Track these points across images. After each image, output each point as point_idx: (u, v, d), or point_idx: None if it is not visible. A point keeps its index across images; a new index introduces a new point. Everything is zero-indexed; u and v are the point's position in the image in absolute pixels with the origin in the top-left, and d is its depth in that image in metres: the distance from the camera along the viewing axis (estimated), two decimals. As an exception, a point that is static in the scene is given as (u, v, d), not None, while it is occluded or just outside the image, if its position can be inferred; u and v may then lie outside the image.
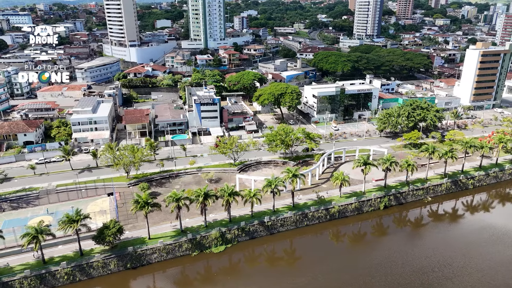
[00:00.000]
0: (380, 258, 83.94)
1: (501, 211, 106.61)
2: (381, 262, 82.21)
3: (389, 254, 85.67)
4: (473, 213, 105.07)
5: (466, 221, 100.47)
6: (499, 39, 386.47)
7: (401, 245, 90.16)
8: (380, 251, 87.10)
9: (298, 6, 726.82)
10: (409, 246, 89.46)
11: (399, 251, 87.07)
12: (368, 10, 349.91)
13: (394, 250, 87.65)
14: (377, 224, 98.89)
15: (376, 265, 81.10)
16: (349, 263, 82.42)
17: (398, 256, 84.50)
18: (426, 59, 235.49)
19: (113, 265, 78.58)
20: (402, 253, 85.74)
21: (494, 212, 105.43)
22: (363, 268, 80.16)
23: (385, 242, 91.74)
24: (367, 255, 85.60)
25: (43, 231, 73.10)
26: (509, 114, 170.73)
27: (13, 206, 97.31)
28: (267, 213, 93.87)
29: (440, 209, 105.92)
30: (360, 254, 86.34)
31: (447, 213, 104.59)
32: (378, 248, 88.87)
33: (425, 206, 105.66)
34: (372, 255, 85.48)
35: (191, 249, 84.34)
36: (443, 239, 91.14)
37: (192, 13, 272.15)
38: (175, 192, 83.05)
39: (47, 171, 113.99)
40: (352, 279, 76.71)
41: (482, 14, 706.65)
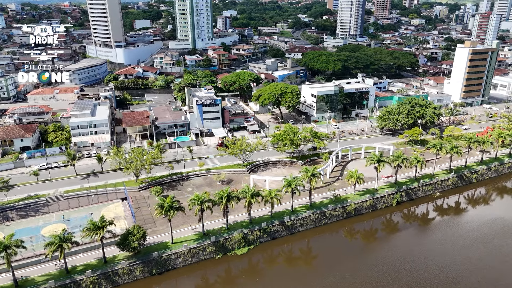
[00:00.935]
0: (401, 253, 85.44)
1: (508, 204, 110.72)
2: (403, 257, 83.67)
3: (410, 249, 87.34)
4: (481, 206, 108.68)
5: (476, 214, 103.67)
6: (475, 38, 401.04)
7: (419, 239, 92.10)
8: (401, 247, 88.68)
9: (276, 6, 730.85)
10: (427, 240, 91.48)
11: (418, 246, 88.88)
12: (351, 10, 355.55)
13: (413, 245, 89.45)
14: (393, 220, 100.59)
15: (399, 261, 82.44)
16: (373, 260, 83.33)
17: (418, 251, 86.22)
18: (412, 58, 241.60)
19: (139, 271, 76.61)
20: (422, 248, 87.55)
21: (501, 204, 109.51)
22: (387, 265, 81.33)
23: (403, 238, 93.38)
24: (389, 251, 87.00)
25: (67, 239, 70.41)
26: (497, 110, 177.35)
27: (21, 214, 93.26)
28: (285, 213, 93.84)
29: (450, 203, 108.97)
30: (382, 251, 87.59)
31: (457, 207, 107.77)
32: (398, 244, 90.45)
33: (435, 201, 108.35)
34: (393, 251, 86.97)
35: (215, 252, 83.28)
36: (457, 232, 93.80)
37: (179, 13, 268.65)
38: (198, 195, 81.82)
39: (50, 177, 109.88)
40: (380, 276, 77.65)
41: (454, 14, 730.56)
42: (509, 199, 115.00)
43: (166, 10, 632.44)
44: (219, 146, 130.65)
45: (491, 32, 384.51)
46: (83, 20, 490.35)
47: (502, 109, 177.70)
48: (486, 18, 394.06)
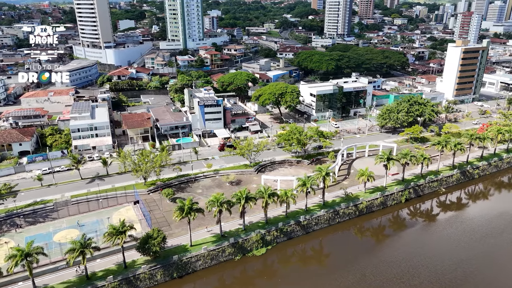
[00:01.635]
0: (416, 249, 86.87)
1: (511, 198, 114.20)
2: (419, 253, 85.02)
3: (424, 245, 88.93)
4: (486, 201, 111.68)
5: (483, 208, 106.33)
6: (457, 37, 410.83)
7: (431, 235, 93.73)
8: (415, 243, 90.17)
9: (260, 6, 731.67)
10: (439, 236, 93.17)
11: (431, 241, 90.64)
12: (339, 10, 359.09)
13: (427, 240, 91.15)
14: (403, 217, 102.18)
15: (415, 257, 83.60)
16: (390, 257, 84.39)
17: (432, 247, 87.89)
18: (403, 57, 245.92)
19: (160, 275, 75.45)
20: (435, 243, 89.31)
21: (505, 198, 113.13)
22: (405, 261, 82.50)
23: (416, 234, 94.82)
24: (404, 247, 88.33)
25: (88, 245, 68.69)
26: (488, 107, 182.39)
27: (29, 221, 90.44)
28: (299, 212, 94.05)
29: (456, 199, 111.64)
30: (397, 247, 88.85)
31: (464, 203, 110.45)
32: (411, 240, 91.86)
33: (442, 197, 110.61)
34: (408, 247, 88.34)
35: (234, 254, 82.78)
36: (467, 227, 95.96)
37: (169, 13, 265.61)
38: (216, 196, 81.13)
39: (55, 181, 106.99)
40: (399, 273, 78.66)
41: (433, 14, 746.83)
42: (510, 193, 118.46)
43: (149, 10, 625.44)
44: (221, 148, 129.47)
45: (473, 32, 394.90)
46: (64, 20, 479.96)
47: (493, 106, 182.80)
48: (468, 17, 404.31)
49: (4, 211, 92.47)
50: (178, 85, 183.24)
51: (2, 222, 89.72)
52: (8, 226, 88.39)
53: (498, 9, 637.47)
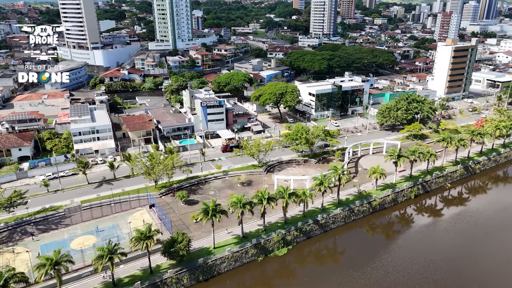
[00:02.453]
0: (433, 244, 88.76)
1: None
2: (436, 248, 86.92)
3: (439, 240, 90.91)
4: (491, 195, 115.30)
5: (489, 202, 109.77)
6: (438, 36, 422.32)
7: (444, 230, 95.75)
8: (430, 238, 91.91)
9: (241, 6, 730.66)
10: (452, 230, 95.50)
11: (445, 236, 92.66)
12: (324, 10, 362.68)
13: (441, 235, 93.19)
14: (415, 213, 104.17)
15: (433, 252, 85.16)
16: (408, 253, 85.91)
17: (448, 242, 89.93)
18: (391, 56, 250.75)
19: (186, 279, 74.40)
20: (450, 238, 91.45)
21: (508, 192, 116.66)
22: (423, 256, 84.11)
23: (429, 229, 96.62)
24: (420, 243, 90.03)
25: (116, 251, 67.07)
26: (478, 103, 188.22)
27: (40, 228, 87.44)
28: (316, 211, 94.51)
29: (462, 193, 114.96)
30: (414, 243, 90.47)
31: (470, 197, 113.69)
32: (427, 236, 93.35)
33: (448, 192, 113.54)
34: (425, 242, 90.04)
35: (256, 255, 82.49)
36: (478, 221, 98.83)
37: (158, 13, 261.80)
38: (238, 197, 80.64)
39: (61, 187, 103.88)
40: (421, 269, 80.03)
41: (410, 14, 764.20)
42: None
43: (129, 10, 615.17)
44: (224, 149, 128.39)
45: (453, 31, 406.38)
46: (42, 21, 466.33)
47: (483, 103, 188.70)
48: (448, 17, 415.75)
49: (13, 219, 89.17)
50: (174, 86, 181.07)
51: (13, 231, 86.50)
52: (20, 235, 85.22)
53: (472, 9, 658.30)
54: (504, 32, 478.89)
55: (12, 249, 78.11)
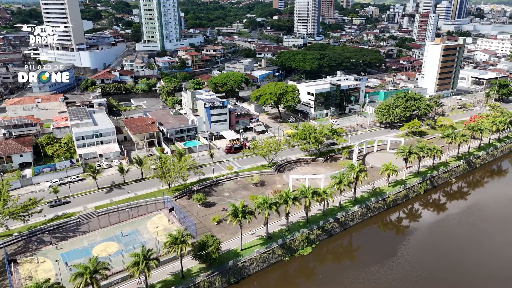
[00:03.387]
0: (448, 238, 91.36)
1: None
2: (454, 241, 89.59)
3: (454, 233, 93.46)
4: (494, 188, 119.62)
5: (493, 195, 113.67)
6: (416, 36, 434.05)
7: (458, 224, 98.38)
8: (445, 233, 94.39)
9: (219, 6, 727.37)
10: (464, 224, 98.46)
11: (459, 230, 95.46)
12: (308, 10, 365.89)
13: (455, 229, 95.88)
14: (427, 208, 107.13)
15: (455, 249, 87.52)
16: (431, 247, 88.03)
17: (462, 235, 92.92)
18: (379, 55, 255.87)
19: (218, 282, 73.62)
20: (465, 232, 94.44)
21: (508, 184, 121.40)
22: (447, 248, 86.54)
23: (443, 224, 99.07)
24: (440, 236, 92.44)
25: (150, 256, 65.60)
26: (466, 100, 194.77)
27: (57, 237, 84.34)
28: (334, 210, 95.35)
29: (467, 187, 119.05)
30: (433, 236, 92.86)
31: (475, 191, 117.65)
32: (441, 230, 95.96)
33: (454, 186, 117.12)
34: (440, 235, 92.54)
35: (283, 255, 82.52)
36: (488, 213, 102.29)
37: (144, 13, 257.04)
38: (265, 198, 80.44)
39: (71, 193, 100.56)
40: (445, 262, 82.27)
41: (385, 14, 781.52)
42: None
43: (105, 10, 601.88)
44: (228, 151, 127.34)
45: (431, 31, 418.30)
46: (15, 21, 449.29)
47: (471, 99, 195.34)
48: (425, 17, 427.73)
49: (26, 228, 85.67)
50: (169, 87, 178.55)
51: (28, 240, 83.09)
52: (36, 244, 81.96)
53: (445, 9, 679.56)
54: (477, 31, 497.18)
55: (37, 259, 75.03)
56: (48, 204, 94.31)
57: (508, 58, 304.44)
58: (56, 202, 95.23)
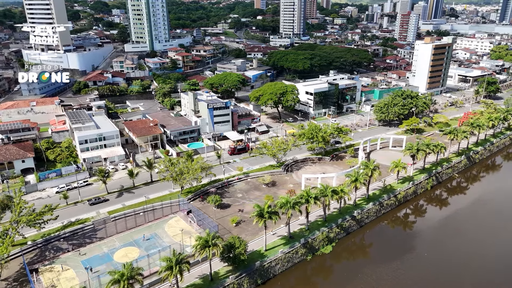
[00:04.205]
0: (464, 233, 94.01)
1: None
2: (469, 236, 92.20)
3: (468, 228, 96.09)
4: (495, 182, 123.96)
5: (497, 189, 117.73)
6: (398, 35, 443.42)
7: (468, 218, 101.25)
8: (456, 227, 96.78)
9: (199, 6, 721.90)
10: (476, 217, 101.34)
11: (472, 225, 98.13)
12: (294, 10, 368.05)
13: (467, 223, 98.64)
14: (436, 203, 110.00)
15: (469, 240, 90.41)
16: (445, 241, 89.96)
17: (476, 229, 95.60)
18: (368, 55, 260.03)
19: (246, 284, 73.23)
20: (476, 225, 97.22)
21: (508, 178, 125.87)
22: (469, 239, 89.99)
23: (455, 218, 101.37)
24: (451, 231, 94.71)
25: (182, 260, 64.67)
26: (456, 97, 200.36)
27: (74, 243, 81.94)
28: (349, 207, 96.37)
29: (470, 182, 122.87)
30: (446, 230, 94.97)
31: (477, 185, 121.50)
32: (455, 224, 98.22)
33: (458, 181, 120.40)
34: (455, 231, 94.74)
35: (305, 254, 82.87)
36: (495, 207, 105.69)
37: (132, 13, 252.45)
38: (286, 198, 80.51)
39: (80, 198, 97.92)
40: (472, 253, 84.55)
41: (364, 14, 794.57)
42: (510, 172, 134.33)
43: (82, 10, 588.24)
44: (231, 152, 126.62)
45: (412, 30, 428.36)
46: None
47: (460, 97, 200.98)
48: (407, 17, 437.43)
49: (40, 236, 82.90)
50: (165, 89, 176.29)
51: (44, 249, 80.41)
52: (53, 252, 79.42)
53: (422, 9, 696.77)
54: (455, 30, 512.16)
55: (62, 267, 72.70)
56: (88, 202, 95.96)
57: (488, 56, 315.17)
58: (96, 200, 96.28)
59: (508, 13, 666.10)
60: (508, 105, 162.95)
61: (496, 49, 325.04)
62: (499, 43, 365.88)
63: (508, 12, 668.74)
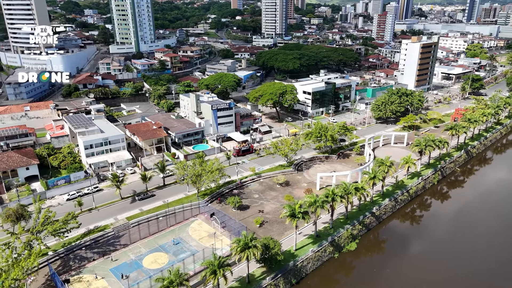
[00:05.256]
0: (474, 223, 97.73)
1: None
2: (483, 227, 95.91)
3: (482, 220, 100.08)
4: (494, 174, 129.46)
5: (497, 181, 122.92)
6: (375, 35, 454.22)
7: (480, 211, 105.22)
8: (471, 216, 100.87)
9: (174, 7, 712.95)
10: (486, 210, 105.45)
11: (486, 216, 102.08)
12: (276, 10, 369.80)
13: (480, 216, 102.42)
14: (446, 196, 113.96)
15: (486, 229, 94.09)
16: (469, 231, 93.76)
17: (487, 220, 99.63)
18: (354, 54, 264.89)
19: (282, 284, 73.21)
20: (488, 217, 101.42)
21: (504, 170, 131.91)
22: (485, 230, 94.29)
23: (465, 209, 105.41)
24: (465, 224, 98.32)
25: (223, 263, 63.94)
26: (442, 94, 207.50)
27: (97, 252, 79.28)
28: (367, 204, 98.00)
29: (472, 176, 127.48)
30: (461, 222, 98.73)
31: (479, 178, 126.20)
32: (469, 218, 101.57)
33: (460, 175, 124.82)
34: (470, 222, 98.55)
35: (333, 252, 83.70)
36: (500, 197, 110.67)
37: (117, 14, 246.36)
38: (314, 197, 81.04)
39: (94, 204, 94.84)
40: (491, 244, 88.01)
41: (338, 14, 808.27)
42: (507, 164, 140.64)
43: (52, 11, 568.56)
44: (236, 154, 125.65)
45: (389, 30, 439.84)
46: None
47: (446, 94, 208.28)
48: (383, 17, 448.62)
49: (60, 245, 79.71)
50: (160, 91, 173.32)
51: (66, 259, 77.36)
52: (77, 261, 76.56)
53: (394, 9, 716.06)
54: (428, 29, 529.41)
55: (96, 275, 70.15)
56: (137, 197, 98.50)
57: (464, 54, 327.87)
58: (145, 195, 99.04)
59: (475, 13, 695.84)
60: (495, 100, 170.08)
61: (471, 47, 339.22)
62: (472, 41, 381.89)
63: (474, 12, 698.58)
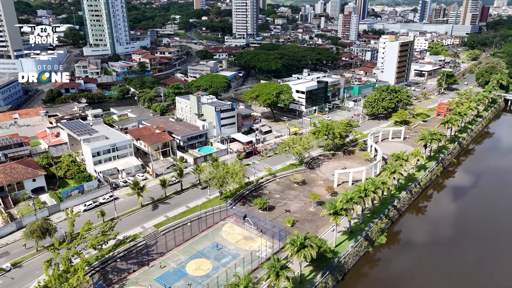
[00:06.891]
0: (491, 205, 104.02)
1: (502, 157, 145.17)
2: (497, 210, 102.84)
3: (492, 200, 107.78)
4: (487, 162, 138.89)
5: (493, 168, 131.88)
6: (341, 34, 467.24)
7: (487, 196, 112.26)
8: (482, 206, 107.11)
9: (131, 7, 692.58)
10: (495, 195, 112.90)
11: (497, 202, 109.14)
12: (247, 10, 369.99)
13: (492, 201, 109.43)
14: (452, 186, 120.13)
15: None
16: (486, 215, 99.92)
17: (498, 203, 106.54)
18: (331, 53, 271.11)
19: (330, 281, 74.02)
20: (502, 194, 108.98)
21: (494, 158, 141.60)
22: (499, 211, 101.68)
23: (476, 198, 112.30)
24: (478, 208, 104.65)
25: (283, 266, 63.70)
26: (419, 90, 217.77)
27: (133, 263, 75.87)
28: (386, 198, 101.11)
29: (469, 165, 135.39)
30: (480, 206, 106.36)
31: (475, 167, 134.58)
32: (478, 204, 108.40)
33: (458, 166, 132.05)
34: (477, 208, 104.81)
35: (367, 246, 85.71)
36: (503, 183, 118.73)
37: (90, 14, 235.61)
38: (349, 194, 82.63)
39: (116, 214, 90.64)
40: None
41: (298, 14, 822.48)
42: (498, 154, 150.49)
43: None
44: (245, 157, 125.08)
45: (354, 30, 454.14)
46: None
47: (423, 89, 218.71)
48: (348, 18, 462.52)
49: (93, 258, 75.50)
50: (151, 94, 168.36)
51: (103, 272, 73.39)
52: (116, 274, 72.86)
53: (352, 10, 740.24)
54: (387, 29, 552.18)
55: (149, 286, 66.99)
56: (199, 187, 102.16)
57: (427, 52, 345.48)
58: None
59: (427, 13, 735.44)
60: (472, 95, 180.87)
61: (433, 46, 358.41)
62: (432, 40, 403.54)
63: (426, 12, 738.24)
